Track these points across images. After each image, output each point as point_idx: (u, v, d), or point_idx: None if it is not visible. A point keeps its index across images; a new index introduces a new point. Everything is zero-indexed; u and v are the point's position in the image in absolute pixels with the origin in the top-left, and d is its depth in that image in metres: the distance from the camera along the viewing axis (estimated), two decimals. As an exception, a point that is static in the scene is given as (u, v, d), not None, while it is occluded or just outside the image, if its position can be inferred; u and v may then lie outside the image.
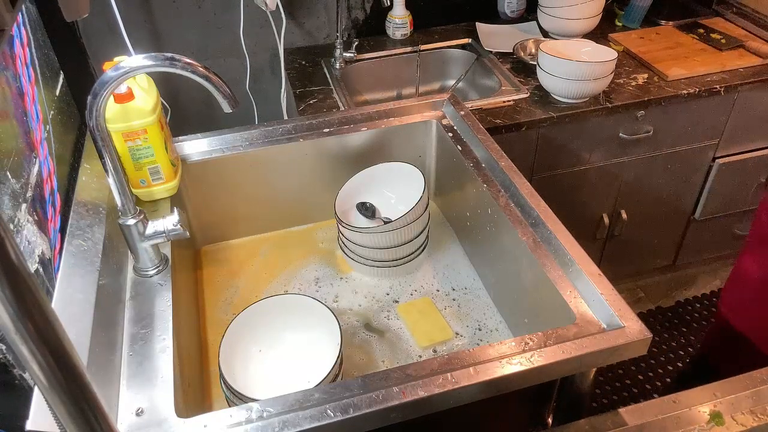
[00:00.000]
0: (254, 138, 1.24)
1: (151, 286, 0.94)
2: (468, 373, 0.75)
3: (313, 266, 1.25)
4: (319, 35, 1.96)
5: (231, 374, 0.90)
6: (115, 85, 0.78)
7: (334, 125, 1.28)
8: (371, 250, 1.15)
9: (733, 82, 1.68)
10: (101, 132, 0.81)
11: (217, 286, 1.22)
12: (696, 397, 0.79)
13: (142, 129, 1.01)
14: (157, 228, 0.92)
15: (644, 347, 0.80)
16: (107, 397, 0.76)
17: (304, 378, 0.96)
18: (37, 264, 0.86)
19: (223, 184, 1.25)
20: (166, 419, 0.74)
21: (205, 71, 0.78)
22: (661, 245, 2.09)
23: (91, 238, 0.96)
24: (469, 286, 1.19)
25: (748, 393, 0.79)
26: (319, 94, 1.71)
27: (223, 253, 1.30)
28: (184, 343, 0.95)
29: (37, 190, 0.93)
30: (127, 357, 0.83)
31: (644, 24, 1.99)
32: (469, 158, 1.18)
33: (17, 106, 0.94)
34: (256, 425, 0.71)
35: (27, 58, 1.03)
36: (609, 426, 0.77)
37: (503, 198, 1.08)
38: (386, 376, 0.76)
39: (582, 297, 0.87)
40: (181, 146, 1.21)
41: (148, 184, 1.08)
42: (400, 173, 1.23)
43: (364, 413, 0.72)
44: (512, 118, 1.57)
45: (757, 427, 0.76)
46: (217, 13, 1.82)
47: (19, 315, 0.38)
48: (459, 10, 2.04)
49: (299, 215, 1.35)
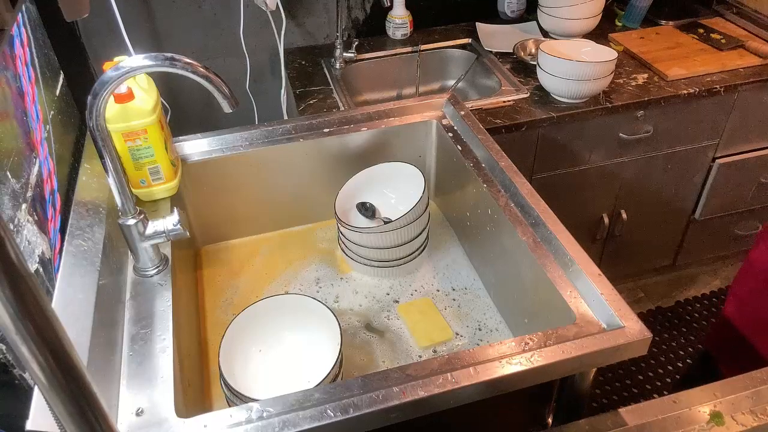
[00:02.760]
0: (254, 138, 1.24)
1: (151, 286, 0.94)
2: (468, 373, 0.75)
3: (313, 266, 1.25)
4: (319, 35, 1.96)
5: (231, 374, 0.89)
6: (115, 85, 0.78)
7: (334, 125, 1.28)
8: (371, 250, 1.15)
9: (733, 82, 1.68)
10: (101, 132, 0.81)
11: (217, 286, 1.22)
12: (696, 397, 0.79)
13: (142, 129, 1.01)
14: (157, 228, 0.92)
15: (644, 347, 0.80)
16: (107, 397, 0.76)
17: (304, 378, 0.96)
18: (37, 264, 0.86)
19: (223, 184, 1.25)
20: (166, 419, 0.74)
21: (205, 71, 0.78)
22: (661, 245, 2.09)
23: (91, 238, 0.96)
24: (469, 286, 1.19)
25: (748, 393, 0.79)
26: (319, 94, 1.71)
27: (223, 253, 1.30)
28: (184, 343, 0.95)
29: (37, 190, 0.93)
30: (127, 357, 0.83)
31: (644, 24, 1.99)
32: (469, 158, 1.18)
33: (17, 106, 0.94)
34: (256, 425, 0.71)
35: (27, 58, 1.03)
36: (609, 426, 0.77)
37: (503, 198, 1.08)
38: (386, 376, 0.76)
39: (582, 297, 0.87)
40: (181, 146, 1.21)
41: (148, 184, 1.08)
42: (400, 173, 1.23)
43: (364, 413, 0.72)
44: (512, 118, 1.57)
45: (757, 427, 0.76)
46: (217, 13, 1.82)
47: (19, 315, 0.38)
48: (459, 10, 2.04)
49: (299, 215, 1.35)
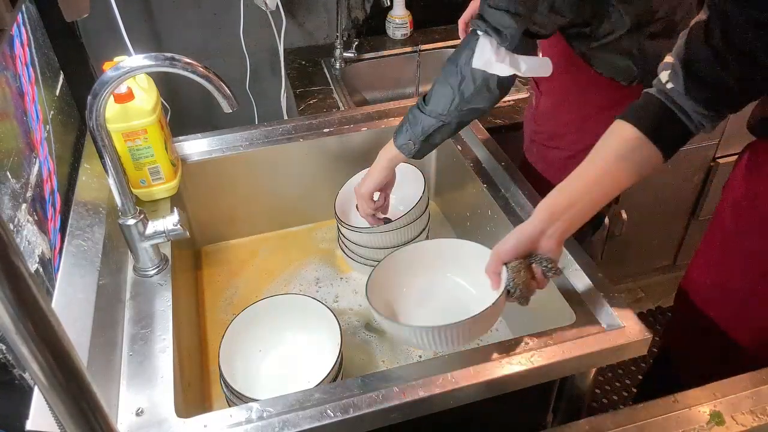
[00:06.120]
0: (254, 138, 1.24)
1: (151, 286, 0.94)
2: (468, 373, 0.75)
3: (313, 266, 1.25)
4: (319, 35, 1.96)
5: (231, 374, 0.89)
6: (115, 85, 0.78)
7: (334, 125, 1.28)
8: (371, 250, 1.15)
9: (733, 82, 1.68)
10: (101, 132, 0.81)
11: (217, 286, 1.22)
12: (696, 397, 0.79)
13: (142, 129, 1.01)
14: (157, 228, 0.92)
15: (644, 347, 0.80)
16: (107, 397, 0.76)
17: (304, 378, 0.96)
18: (37, 264, 0.86)
19: (223, 184, 1.25)
20: (166, 419, 0.74)
21: (205, 71, 0.78)
22: (661, 245, 2.08)
23: (91, 238, 0.96)
24: (469, 286, 1.19)
25: (748, 393, 0.79)
26: (319, 94, 1.71)
27: (223, 253, 1.30)
28: (184, 343, 0.95)
29: (37, 190, 0.93)
30: (127, 357, 0.83)
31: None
32: (469, 158, 1.18)
33: (17, 106, 0.94)
34: (256, 425, 0.71)
35: (27, 58, 1.02)
36: (609, 426, 0.77)
37: (503, 198, 1.08)
38: (386, 376, 0.76)
39: (582, 297, 0.87)
40: (181, 146, 1.21)
41: (148, 184, 1.08)
42: (400, 173, 1.23)
43: (364, 413, 0.72)
44: (512, 118, 1.57)
45: (757, 427, 0.76)
46: (217, 13, 1.82)
47: (19, 315, 0.38)
48: (459, 10, 2.03)
49: (299, 215, 1.35)
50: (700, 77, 0.77)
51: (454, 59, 1.02)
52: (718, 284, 1.02)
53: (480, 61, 0.95)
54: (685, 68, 0.77)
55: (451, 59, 1.02)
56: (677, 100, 0.79)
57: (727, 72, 0.75)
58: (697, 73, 0.77)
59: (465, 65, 0.99)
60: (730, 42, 0.74)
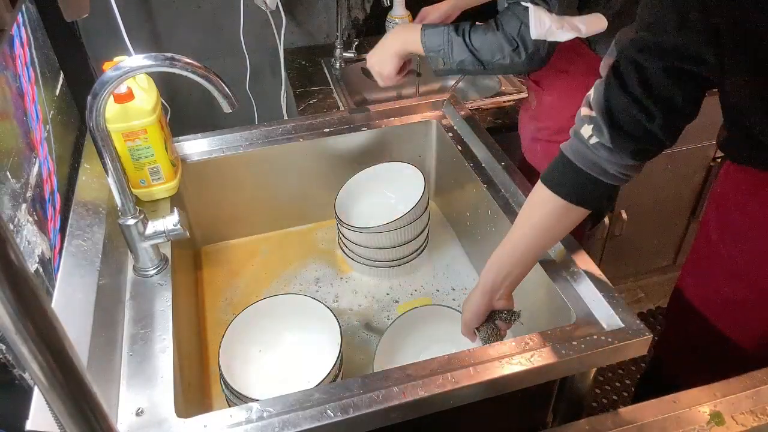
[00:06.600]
0: (254, 138, 1.24)
1: (151, 286, 0.94)
2: (468, 373, 0.75)
3: (313, 266, 1.25)
4: (319, 35, 1.96)
5: (231, 374, 0.90)
6: (115, 85, 0.78)
7: (334, 125, 1.28)
8: (371, 250, 1.15)
9: (733, 82, 1.68)
10: (101, 132, 0.81)
11: (217, 286, 1.22)
12: (696, 397, 0.79)
13: (142, 129, 1.01)
14: (157, 228, 0.92)
15: (644, 347, 0.80)
16: (107, 397, 0.76)
17: (304, 378, 0.96)
18: (37, 264, 0.86)
19: (223, 184, 1.25)
20: (166, 419, 0.74)
21: (205, 71, 0.78)
22: (661, 245, 2.08)
23: (91, 238, 0.96)
24: (469, 286, 1.19)
25: (748, 393, 0.79)
26: (319, 94, 1.71)
27: (223, 253, 1.30)
28: (184, 343, 0.95)
29: (37, 190, 0.93)
30: (127, 357, 0.83)
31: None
32: (469, 158, 1.18)
33: (17, 106, 0.94)
34: (256, 425, 0.71)
35: (27, 58, 1.02)
36: (609, 426, 0.77)
37: (503, 198, 1.08)
38: (386, 376, 0.76)
39: (582, 297, 0.87)
40: (181, 146, 1.21)
41: (148, 184, 1.08)
42: (400, 173, 1.23)
43: (364, 413, 0.72)
44: (512, 118, 1.57)
45: (757, 427, 0.76)
46: (217, 13, 1.82)
47: (19, 315, 0.38)
48: (459, 10, 2.04)
49: (299, 215, 1.35)
50: (625, 130, 0.76)
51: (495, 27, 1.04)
52: (706, 290, 1.03)
53: (539, 31, 0.95)
54: (608, 121, 0.76)
55: (489, 28, 1.05)
56: (598, 158, 0.78)
57: (651, 122, 0.75)
58: (621, 126, 0.76)
59: (517, 35, 1.00)
60: (648, 89, 0.74)
